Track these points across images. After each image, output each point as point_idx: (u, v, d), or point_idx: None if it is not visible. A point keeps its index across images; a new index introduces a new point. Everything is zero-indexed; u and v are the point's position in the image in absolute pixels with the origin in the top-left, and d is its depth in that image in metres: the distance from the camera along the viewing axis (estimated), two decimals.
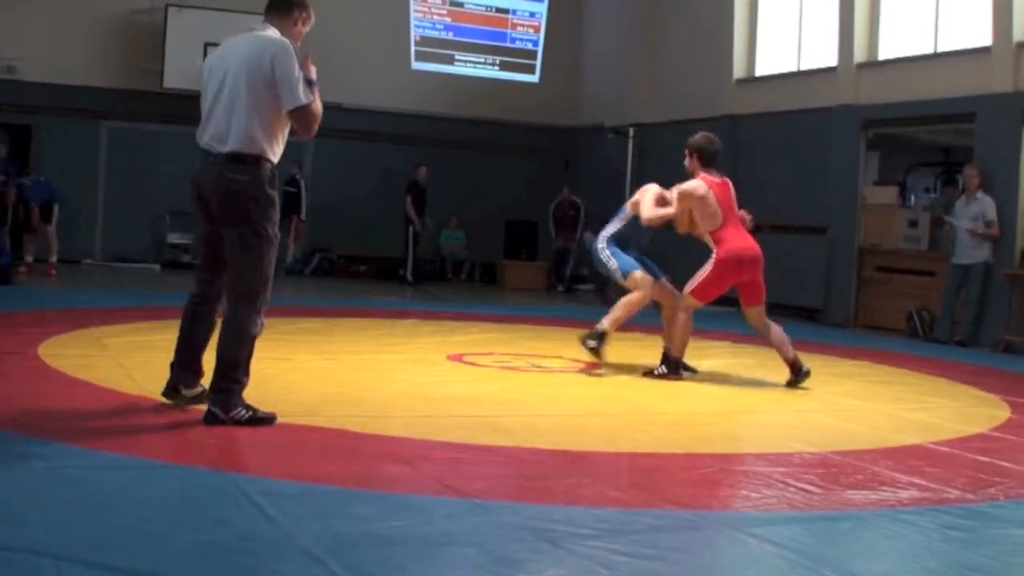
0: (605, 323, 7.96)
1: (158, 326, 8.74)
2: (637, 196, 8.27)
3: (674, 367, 7.65)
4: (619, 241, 8.22)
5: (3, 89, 16.08)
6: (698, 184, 7.72)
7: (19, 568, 3.05)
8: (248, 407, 5.25)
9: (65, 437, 4.72)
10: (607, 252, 8.18)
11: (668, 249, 16.58)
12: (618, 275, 8.18)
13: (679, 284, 7.99)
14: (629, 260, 8.14)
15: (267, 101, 5.03)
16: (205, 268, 5.33)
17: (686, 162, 7.93)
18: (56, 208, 14.34)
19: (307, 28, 5.38)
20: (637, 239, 8.29)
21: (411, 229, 16.71)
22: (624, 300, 8.07)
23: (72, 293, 11.74)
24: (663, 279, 8.25)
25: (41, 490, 3.86)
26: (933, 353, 10.65)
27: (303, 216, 16.96)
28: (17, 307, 9.91)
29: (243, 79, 5.03)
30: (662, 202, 8.12)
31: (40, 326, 8.39)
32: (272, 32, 5.17)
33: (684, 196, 7.77)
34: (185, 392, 5.41)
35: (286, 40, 5.14)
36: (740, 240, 7.72)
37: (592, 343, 7.91)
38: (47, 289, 12.24)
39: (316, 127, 5.12)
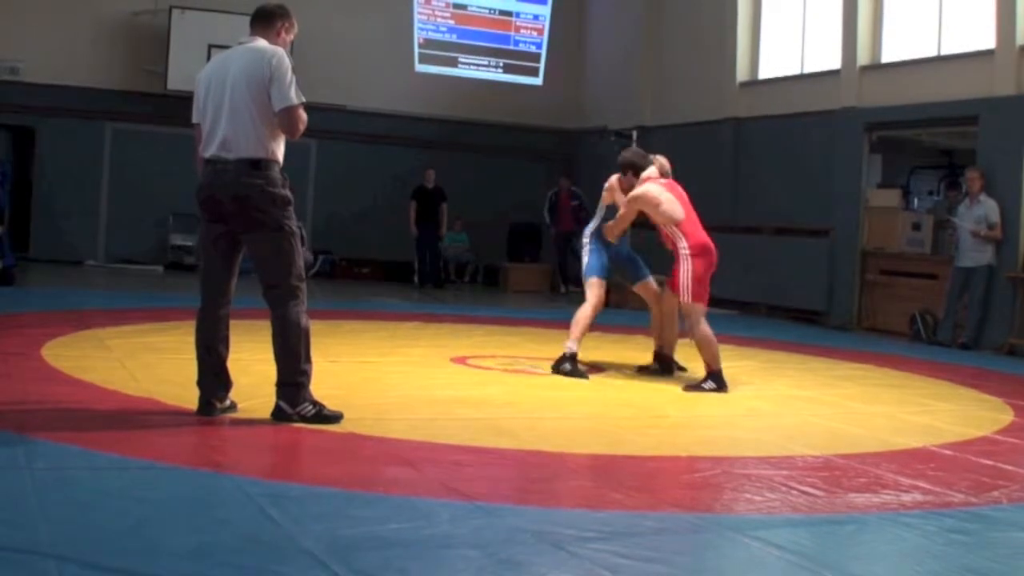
0: (572, 344, 7.83)
1: (161, 327, 8.77)
2: (607, 190, 8.21)
3: (719, 379, 7.41)
4: (603, 235, 8.15)
5: (6, 91, 16.09)
6: (649, 188, 7.74)
7: (21, 569, 3.05)
8: (315, 403, 5.35)
9: (67, 438, 4.72)
10: (586, 248, 8.19)
11: (655, 244, 16.55)
12: (583, 272, 8.19)
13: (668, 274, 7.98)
14: (598, 263, 8.10)
15: (267, 103, 5.18)
16: (215, 275, 5.38)
17: (614, 179, 8.04)
18: None
19: (291, 37, 5.54)
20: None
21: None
22: (577, 316, 7.95)
23: (75, 294, 11.75)
24: (649, 279, 8.30)
25: (43, 491, 3.86)
26: (936, 356, 10.64)
27: None
28: (21, 308, 9.92)
29: (244, 87, 5.18)
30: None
31: (43, 327, 8.39)
32: (262, 43, 5.34)
33: (634, 200, 7.74)
34: (219, 405, 5.39)
35: (280, 48, 5.34)
36: (703, 232, 7.78)
37: (567, 367, 7.73)
38: (51, 290, 12.24)
39: (301, 129, 5.24)
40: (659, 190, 7.75)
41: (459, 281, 18.40)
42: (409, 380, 7.04)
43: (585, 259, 8.18)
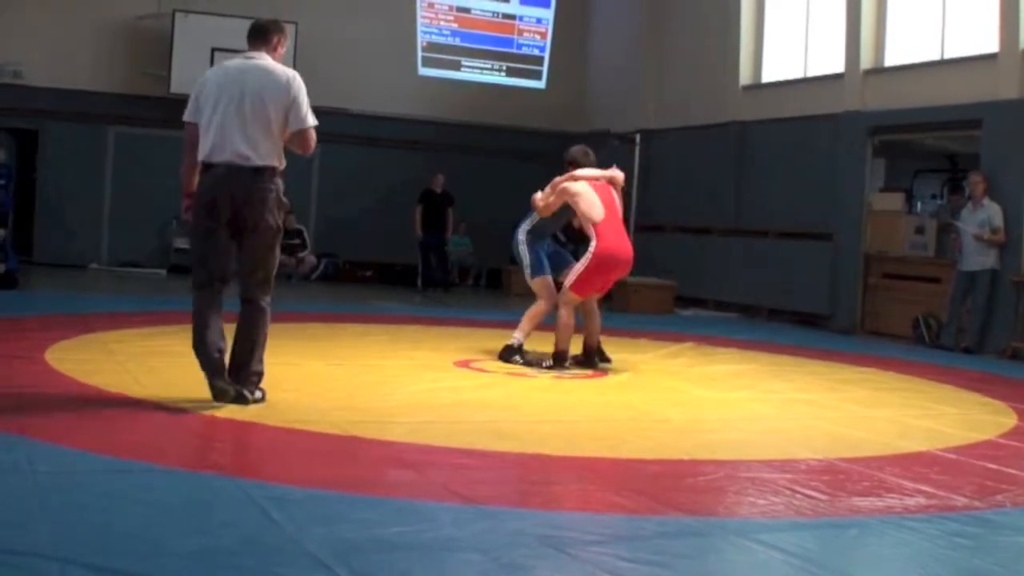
0: (519, 336, 8.38)
1: (164, 331, 8.76)
2: (551, 185, 8.56)
3: (560, 360, 8.07)
4: (536, 233, 8.61)
5: (10, 94, 16.10)
6: (575, 184, 8.21)
7: (24, 571, 3.06)
8: (261, 388, 5.78)
9: (71, 441, 4.73)
10: (523, 247, 8.60)
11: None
12: (527, 272, 8.59)
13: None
14: (542, 261, 8.52)
15: (282, 121, 5.68)
16: (217, 273, 5.72)
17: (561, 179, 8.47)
18: None
19: (284, 49, 5.99)
20: (550, 227, 8.75)
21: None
22: (531, 312, 8.44)
23: (79, 298, 11.76)
24: (549, 276, 8.56)
25: (46, 494, 3.86)
26: (939, 360, 10.63)
27: None
28: (25, 311, 9.93)
29: (269, 105, 5.62)
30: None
31: (47, 330, 8.40)
32: (268, 60, 5.79)
33: (560, 192, 8.25)
34: (230, 386, 5.69)
35: (295, 72, 5.79)
36: (617, 239, 8.16)
37: (516, 358, 8.24)
38: (54, 294, 12.26)
39: (312, 148, 5.80)
40: (584, 188, 8.19)
41: (462, 284, 18.40)
42: (412, 383, 7.03)
43: (527, 259, 8.55)
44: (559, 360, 8.11)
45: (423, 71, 18.76)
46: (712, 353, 9.95)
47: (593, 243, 8.05)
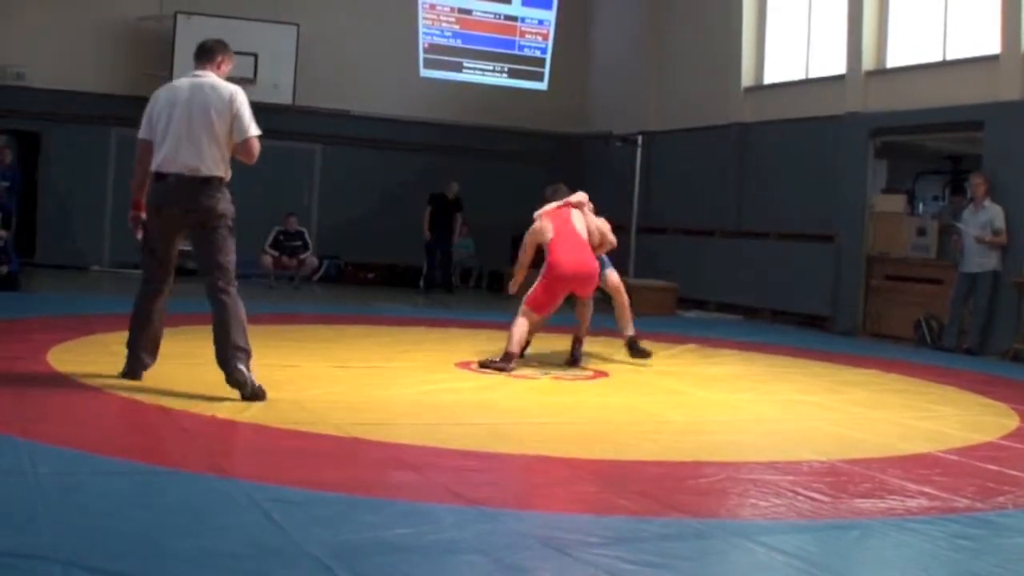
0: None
1: (166, 333, 8.74)
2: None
3: (506, 359, 8.00)
4: None
5: (12, 96, 16.11)
6: (536, 224, 8.47)
7: (25, 573, 3.06)
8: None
9: (72, 443, 4.73)
10: None
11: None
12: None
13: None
14: None
15: (227, 133, 6.14)
16: (166, 264, 6.47)
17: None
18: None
19: (229, 67, 6.43)
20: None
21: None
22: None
23: (81, 299, 11.76)
24: (608, 271, 8.99)
25: (48, 495, 3.86)
26: (941, 361, 10.62)
27: None
28: (27, 313, 9.93)
29: (215, 119, 6.09)
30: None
31: (49, 332, 8.41)
32: (214, 78, 6.24)
33: (531, 236, 8.50)
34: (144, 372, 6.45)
35: (238, 86, 6.25)
36: (569, 255, 8.25)
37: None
38: (57, 295, 12.26)
39: (256, 156, 6.23)
40: (537, 224, 8.46)
41: (464, 286, 18.41)
42: (413, 385, 7.04)
43: None
44: (505, 358, 8.03)
45: (424, 73, 18.75)
46: (714, 355, 9.95)
47: (547, 260, 8.24)
